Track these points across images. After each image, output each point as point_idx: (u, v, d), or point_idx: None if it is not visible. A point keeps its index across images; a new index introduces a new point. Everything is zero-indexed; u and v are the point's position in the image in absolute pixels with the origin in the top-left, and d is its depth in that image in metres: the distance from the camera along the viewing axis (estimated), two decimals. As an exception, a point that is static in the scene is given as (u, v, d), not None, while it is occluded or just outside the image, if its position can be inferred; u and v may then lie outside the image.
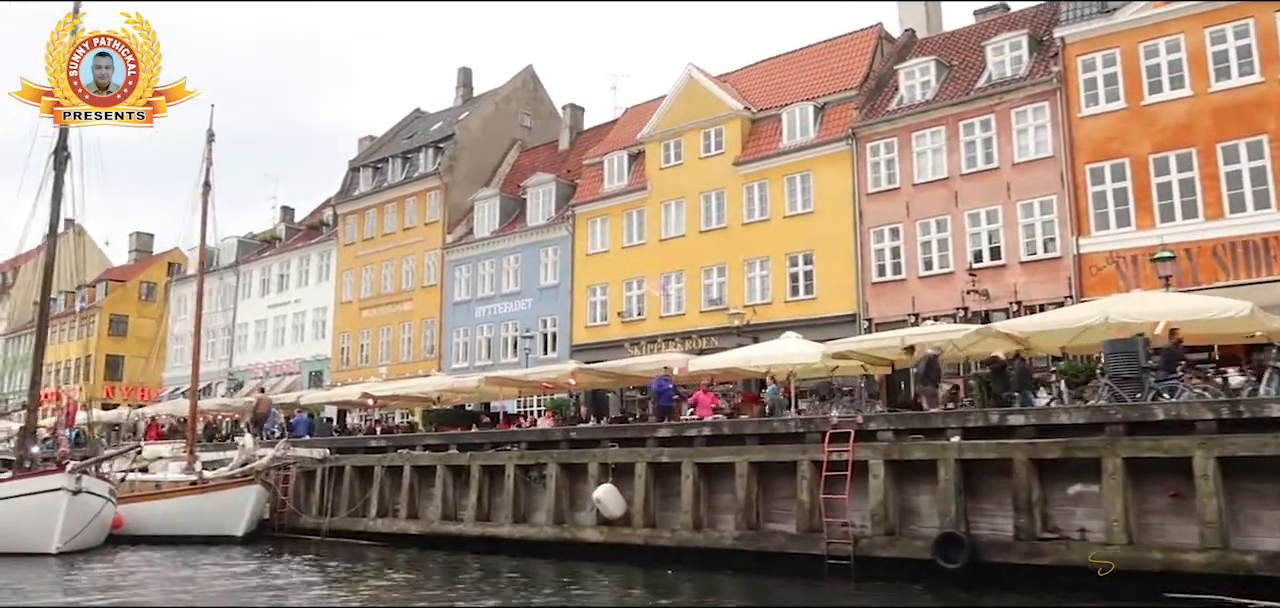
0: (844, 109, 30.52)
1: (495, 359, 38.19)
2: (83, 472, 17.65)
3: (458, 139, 42.80)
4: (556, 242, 37.39)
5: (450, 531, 19.32)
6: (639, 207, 34.84)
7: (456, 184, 42.27)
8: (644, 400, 32.52)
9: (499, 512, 18.84)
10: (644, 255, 34.32)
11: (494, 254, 39.45)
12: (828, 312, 28.80)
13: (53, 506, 17.20)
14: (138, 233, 69.00)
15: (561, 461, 17.76)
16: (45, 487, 17.37)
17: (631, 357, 32.11)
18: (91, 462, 19.21)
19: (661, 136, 34.53)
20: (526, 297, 37.92)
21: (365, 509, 21.43)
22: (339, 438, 25.56)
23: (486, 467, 19.10)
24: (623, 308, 34.59)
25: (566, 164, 40.76)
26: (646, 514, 16.25)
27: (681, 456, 16.01)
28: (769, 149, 31.69)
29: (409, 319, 42.38)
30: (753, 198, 31.78)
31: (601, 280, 35.56)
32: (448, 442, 21.03)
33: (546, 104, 46.95)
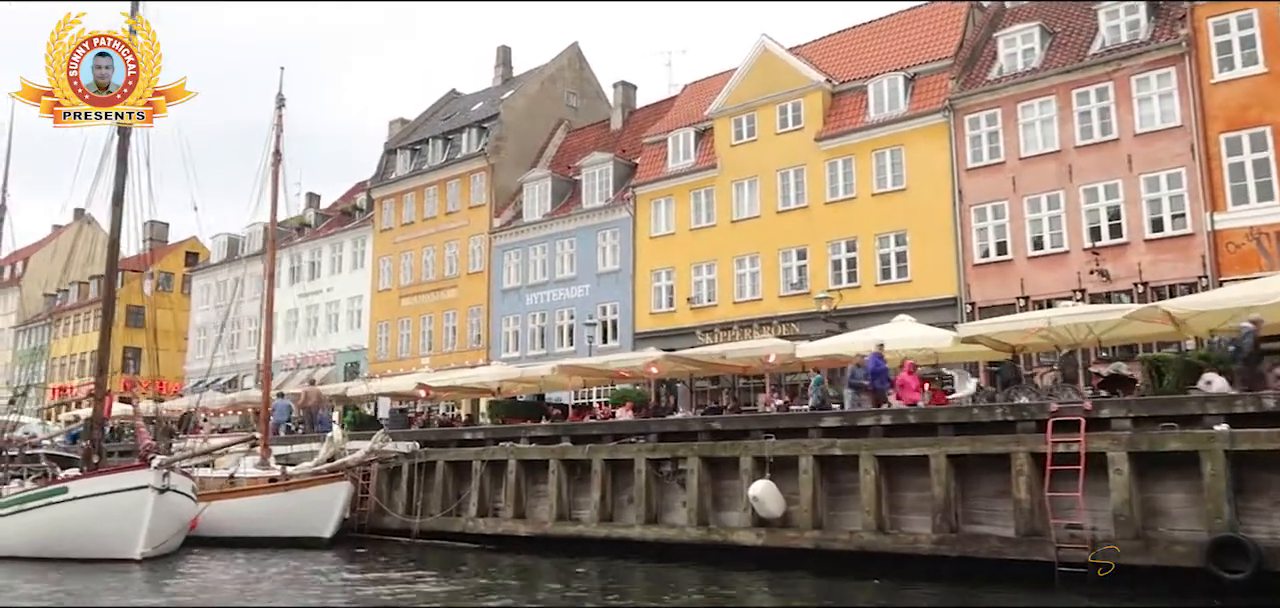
0: (937, 79, 28.68)
1: (549, 348, 36.30)
2: (170, 468, 15.69)
3: (502, 119, 40.83)
4: (615, 224, 35.48)
5: (567, 532, 17.45)
6: (707, 186, 32.96)
7: (503, 165, 40.33)
8: (717, 391, 30.79)
9: (626, 511, 16.99)
10: (714, 237, 32.46)
11: (546, 238, 37.53)
12: (925, 295, 26.96)
13: (137, 506, 15.28)
14: (151, 222, 66.67)
15: (703, 453, 15.88)
16: (130, 485, 15.44)
17: (704, 344, 30.35)
18: (181, 457, 17.27)
19: (732, 112, 32.64)
20: (583, 282, 36.03)
21: (461, 508, 19.53)
22: (428, 431, 23.60)
23: (610, 461, 17.22)
24: (692, 293, 32.71)
25: (620, 144, 38.85)
26: (814, 514, 14.38)
27: (857, 448, 14.16)
28: (854, 123, 29.83)
29: (453, 307, 40.45)
30: (836, 175, 29.93)
31: (666, 264, 33.69)
32: (559, 433, 19.12)
33: (592, 83, 45.03)
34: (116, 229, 19.32)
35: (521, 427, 21.04)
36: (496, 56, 46.57)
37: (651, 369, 26.55)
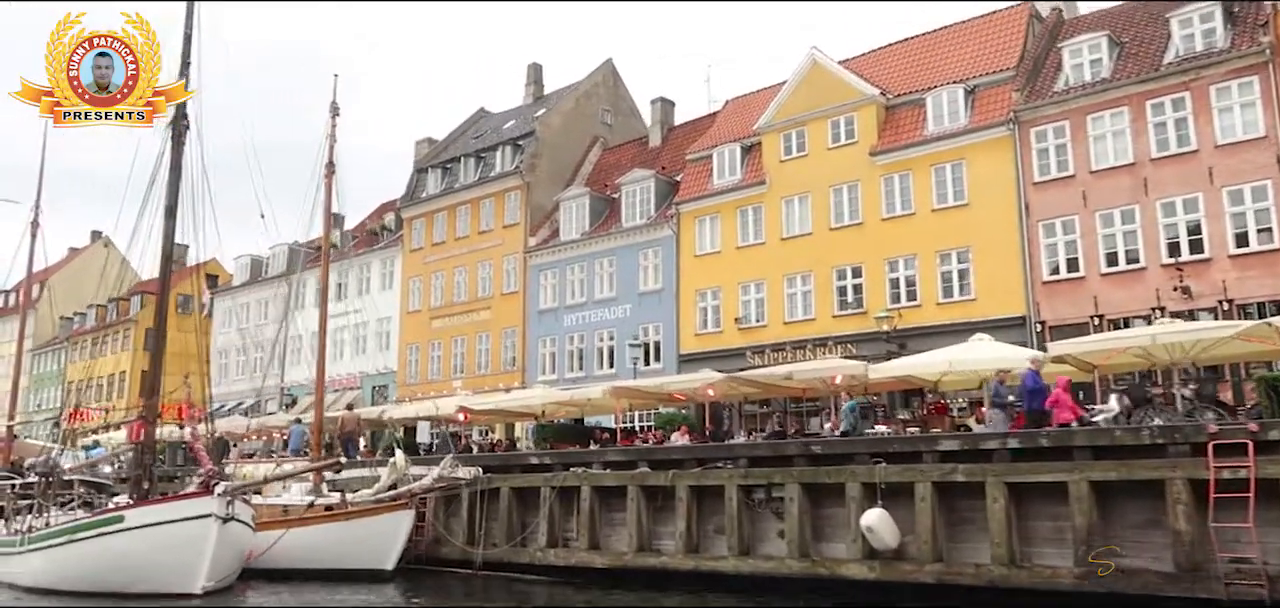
0: (999, 92, 27.76)
1: (588, 370, 35.26)
2: (234, 496, 14.61)
3: (538, 136, 39.98)
4: (658, 243, 34.52)
5: (647, 564, 16.34)
6: (756, 203, 32.00)
7: (537, 184, 39.45)
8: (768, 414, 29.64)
9: (714, 541, 15.88)
10: (763, 255, 31.47)
11: (584, 258, 36.56)
12: (990, 314, 25.87)
13: (200, 537, 14.20)
14: (171, 244, 65.94)
15: (804, 480, 14.78)
16: (192, 514, 14.37)
17: (754, 366, 29.29)
18: (249, 485, 16.21)
19: (781, 127, 31.74)
20: (624, 303, 35.02)
21: (528, 538, 18.42)
22: (491, 456, 22.52)
23: (696, 488, 16.12)
24: (740, 313, 31.68)
25: (659, 161, 37.96)
26: (934, 546, 13.28)
27: (982, 473, 13.07)
28: (911, 137, 28.90)
29: (486, 329, 39.44)
30: (893, 190, 28.97)
31: (712, 284, 32.67)
32: (635, 458, 18.02)
33: (626, 100, 44.24)
34: (169, 241, 18.41)
35: (593, 451, 19.91)
36: (527, 74, 45.84)
37: (708, 391, 25.50)
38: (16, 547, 16.94)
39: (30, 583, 16.32)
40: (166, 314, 19.26)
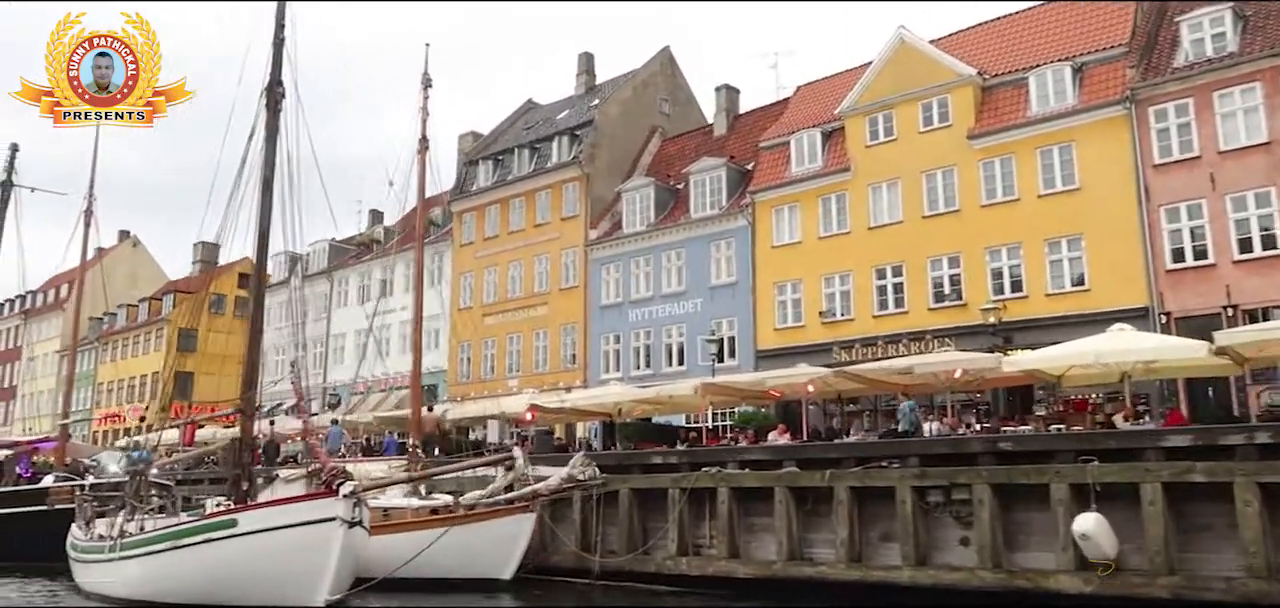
0: (1111, 69, 26.15)
1: (656, 367, 33.71)
2: (360, 497, 13.04)
3: (597, 126, 38.44)
4: (730, 234, 32.95)
5: (801, 574, 14.75)
6: (839, 190, 30.41)
7: (597, 175, 37.92)
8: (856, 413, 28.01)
9: (881, 549, 14.30)
10: (848, 245, 29.88)
11: (650, 250, 35.01)
12: (1106, 305, 24.25)
13: (323, 543, 12.65)
14: (202, 243, 64.58)
15: (995, 480, 13.18)
16: (315, 517, 12.86)
17: (840, 362, 27.74)
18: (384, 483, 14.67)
19: (866, 110, 30.15)
20: (693, 297, 33.45)
21: (652, 545, 16.84)
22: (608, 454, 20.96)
23: (858, 489, 14.53)
24: (824, 307, 30.07)
25: (726, 150, 36.37)
26: (1166, 557, 11.66)
27: (1227, 472, 11.46)
28: (1013, 118, 27.29)
29: (544, 325, 37.90)
30: (993, 175, 27.36)
31: (792, 276, 31.07)
32: (779, 456, 16.43)
33: (684, 89, 42.73)
34: (267, 216, 16.85)
35: (726, 450, 18.30)
36: (578, 64, 44.35)
37: (808, 388, 23.97)
38: (106, 554, 15.40)
39: (126, 594, 14.77)
40: (262, 298, 17.73)
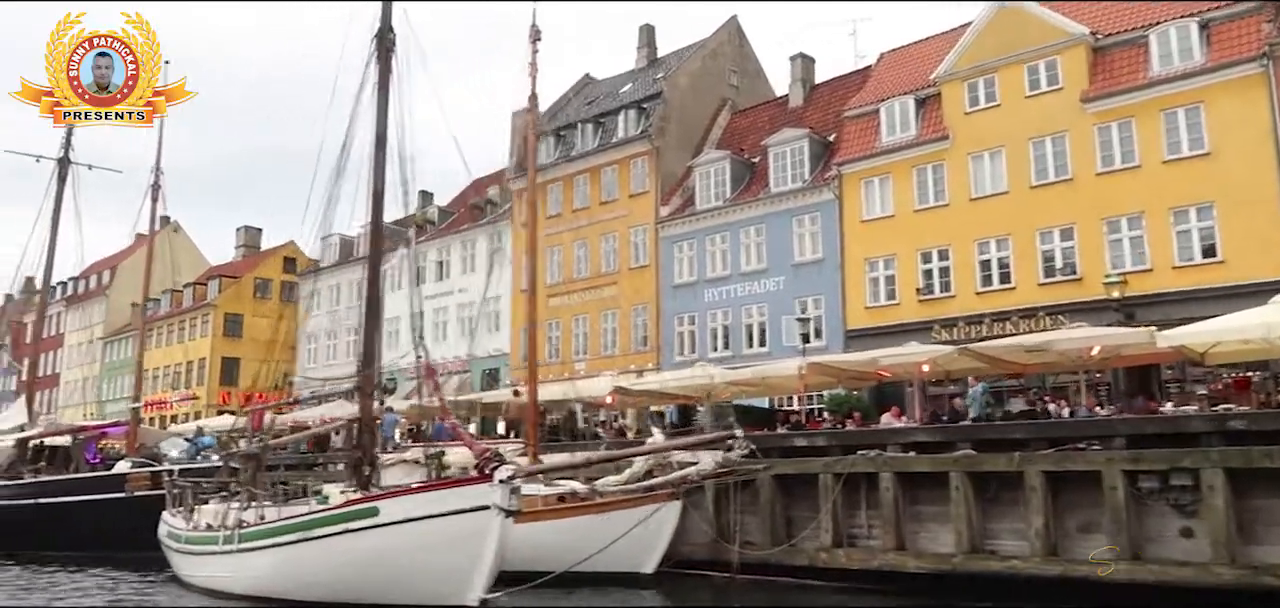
0: (1243, 24, 24.43)
1: (735, 349, 32.29)
2: (518, 483, 11.67)
3: (666, 98, 36.95)
4: (814, 208, 31.43)
5: (987, 568, 13.31)
6: (936, 160, 28.82)
7: (667, 149, 36.46)
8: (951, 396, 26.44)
9: (1079, 541, 12.84)
10: (947, 218, 28.30)
11: (727, 227, 33.55)
12: (1243, 278, 22.54)
13: (478, 534, 11.31)
14: (245, 227, 63.82)
15: (1230, 464, 11.67)
16: (468, 504, 11.52)
17: (940, 340, 26.22)
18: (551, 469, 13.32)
19: (965, 75, 28.52)
20: (775, 275, 31.98)
21: (799, 536, 15.44)
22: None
23: (1053, 474, 13.05)
24: (920, 284, 28.53)
25: (803, 121, 34.80)
26: None
27: None
28: (1132, 80, 25.60)
29: (612, 306, 36.54)
30: (1110, 141, 25.70)
31: (884, 251, 29.54)
32: (950, 438, 14.99)
33: (753, 61, 41.18)
34: (380, 176, 15.57)
35: (883, 431, 16.82)
36: (639, 36, 42.88)
37: (924, 368, 22.55)
38: (220, 545, 14.14)
39: (248, 589, 13.50)
40: (379, 270, 16.38)
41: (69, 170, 33.08)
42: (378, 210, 15.83)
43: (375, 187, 15.56)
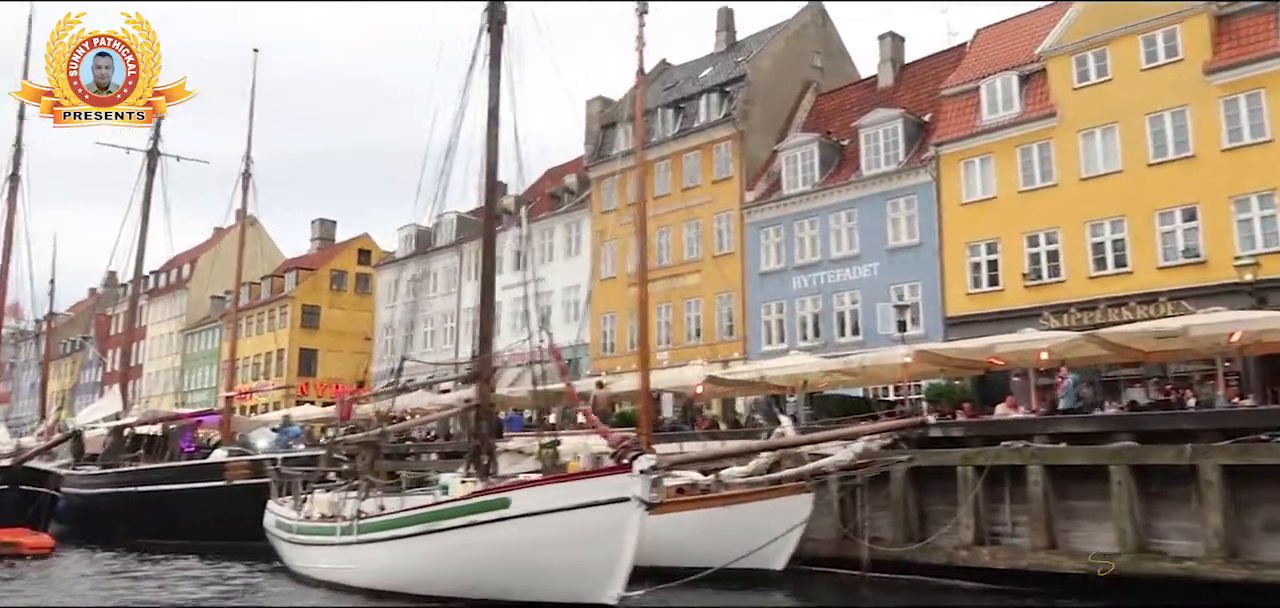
0: (1390, -14, 22.61)
1: (826, 337, 31.30)
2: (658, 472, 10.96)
3: (750, 81, 36.03)
4: (910, 191, 30.27)
5: (1155, 570, 12.26)
6: (1042, 139, 27.47)
7: (751, 134, 35.56)
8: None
9: (1263, 541, 11.71)
10: (1055, 199, 26.95)
11: (816, 212, 32.54)
12: (1390, 257, 20.89)
13: (616, 527, 10.69)
14: (319, 220, 64.50)
15: None
16: (606, 496, 10.87)
17: (1050, 327, 24.96)
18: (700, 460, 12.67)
19: (1073, 49, 27.12)
20: (869, 261, 30.88)
21: (934, 533, 14.53)
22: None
23: (1231, 468, 11.95)
24: (1026, 268, 27.23)
25: (894, 102, 33.58)
26: None
27: None
28: (1261, 48, 24.00)
29: (696, 294, 35.79)
30: (1237, 114, 24.15)
31: (987, 235, 28.28)
32: (1111, 428, 13.95)
33: (836, 41, 40.02)
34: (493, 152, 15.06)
35: (1024, 420, 15.78)
36: (718, 19, 41.91)
37: (1042, 355, 21.32)
38: (337, 536, 13.75)
39: (368, 582, 13.04)
40: (493, 249, 15.90)
41: (158, 162, 33.55)
42: (491, 186, 15.38)
43: (488, 161, 15.04)
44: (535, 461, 17.69)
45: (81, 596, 14.90)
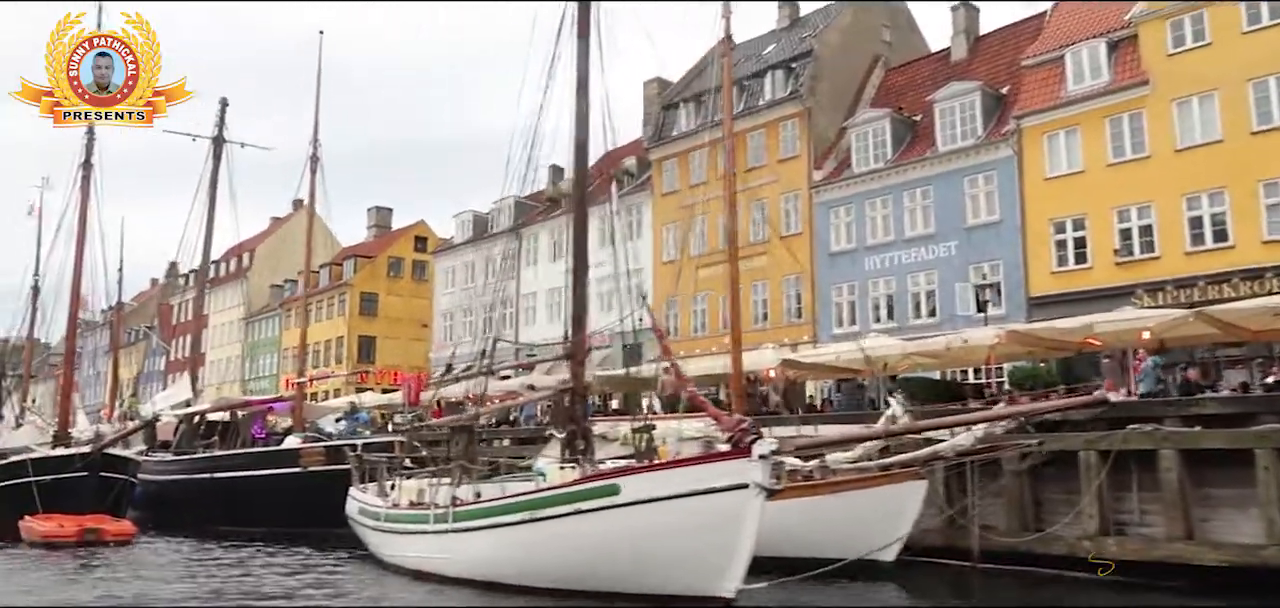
0: None
1: (901, 320, 30.34)
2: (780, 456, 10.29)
3: (817, 56, 35.05)
4: (989, 167, 29.16)
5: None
6: (1134, 108, 26.21)
7: (818, 111, 34.59)
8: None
9: None
10: (1149, 172, 25.72)
11: (889, 190, 31.55)
12: None
13: (734, 515, 10.06)
14: (376, 208, 64.71)
15: None
16: (725, 481, 10.07)
17: (1145, 305, 23.78)
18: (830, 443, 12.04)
19: (1168, 13, 25.82)
20: (946, 239, 29.84)
21: (1053, 522, 13.69)
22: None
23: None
24: (1117, 245, 26.03)
25: (969, 74, 32.41)
26: None
27: None
28: (1380, 7, 22.48)
29: (762, 276, 34.96)
30: (1350, 78, 22.67)
31: (1073, 211, 27.11)
32: (1254, 409, 12.98)
33: (904, 13, 38.86)
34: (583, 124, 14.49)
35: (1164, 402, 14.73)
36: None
37: (1145, 333, 20.21)
38: (431, 524, 13.30)
39: (465, 573, 12.49)
40: (586, 222, 15.46)
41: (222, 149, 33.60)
42: (583, 159, 14.80)
43: (578, 136, 14.51)
44: (619, 446, 17.18)
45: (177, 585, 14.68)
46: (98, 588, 14.43)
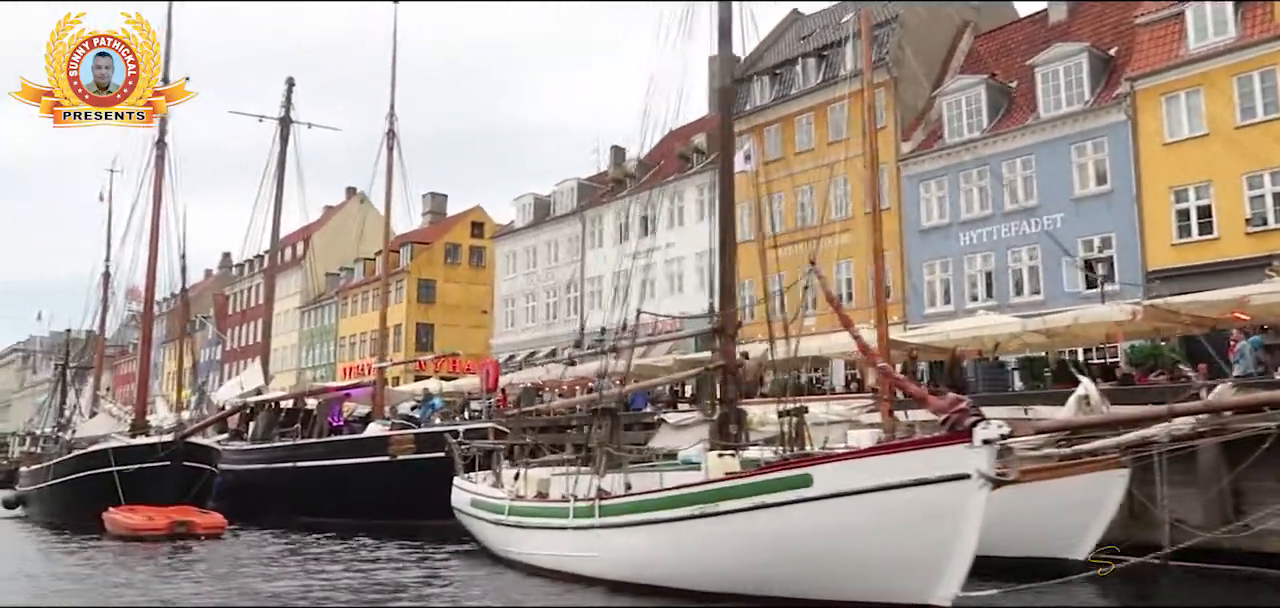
0: None
1: (1001, 297, 28.74)
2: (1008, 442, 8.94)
3: (902, 22, 33.39)
4: (1098, 133, 27.41)
5: None
6: (1265, 65, 24.34)
7: (904, 80, 32.96)
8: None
9: None
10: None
11: (985, 161, 29.86)
12: None
13: (951, 509, 8.73)
14: (431, 194, 63.95)
15: None
16: (940, 471, 8.74)
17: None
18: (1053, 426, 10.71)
19: (1306, -39, 23.81)
20: (1050, 211, 28.13)
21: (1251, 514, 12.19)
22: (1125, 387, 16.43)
23: None
24: (1248, 213, 24.20)
25: (1071, 37, 30.56)
26: None
27: None
28: None
29: (847, 255, 33.23)
30: None
31: (1195, 178, 25.31)
32: None
33: (992, -24, 36.97)
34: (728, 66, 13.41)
35: None
36: (856, -38, 39.12)
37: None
38: (570, 519, 12.08)
39: (615, 574, 11.21)
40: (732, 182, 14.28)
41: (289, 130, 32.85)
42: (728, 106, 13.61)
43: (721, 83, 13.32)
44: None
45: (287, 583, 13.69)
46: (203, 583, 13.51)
